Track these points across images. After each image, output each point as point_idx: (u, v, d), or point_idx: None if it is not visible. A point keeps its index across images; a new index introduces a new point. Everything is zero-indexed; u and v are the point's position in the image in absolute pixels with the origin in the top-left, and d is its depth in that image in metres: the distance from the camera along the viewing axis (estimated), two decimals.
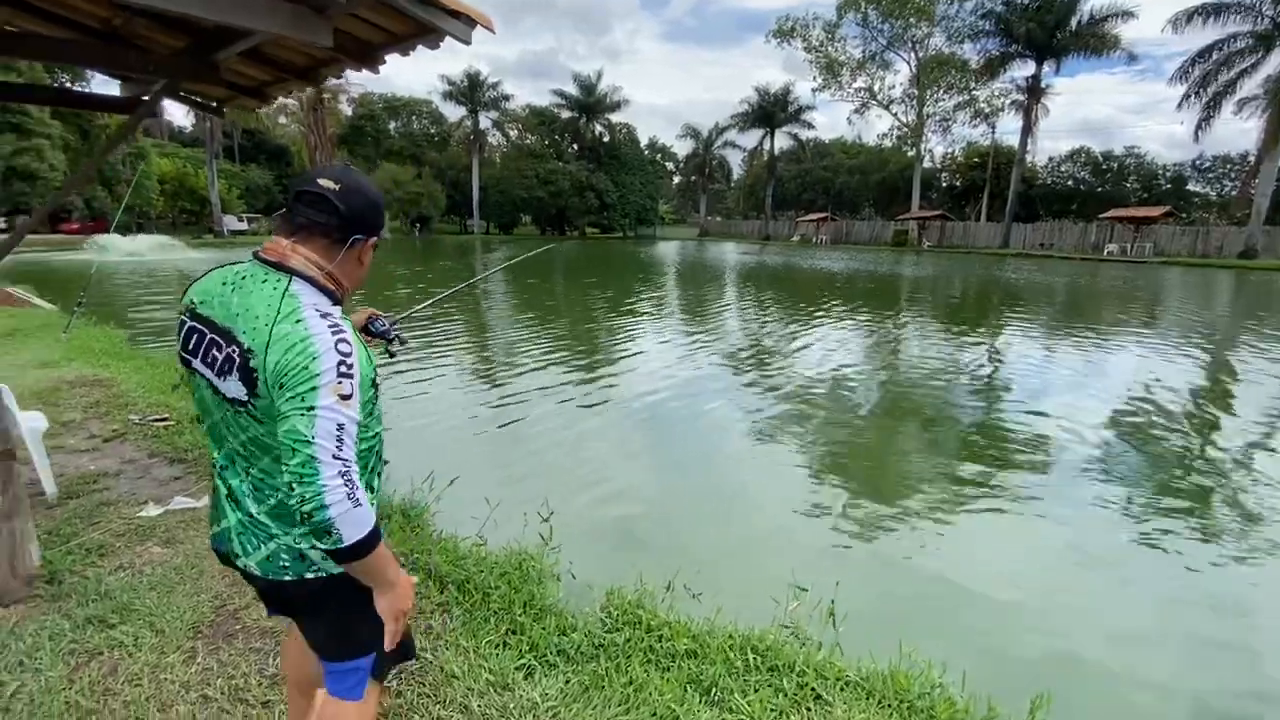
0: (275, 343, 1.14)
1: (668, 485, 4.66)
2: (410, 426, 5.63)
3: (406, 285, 17.64)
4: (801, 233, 58.18)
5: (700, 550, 3.59)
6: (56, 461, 3.96)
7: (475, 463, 4.89)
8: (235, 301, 1.22)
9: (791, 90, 56.02)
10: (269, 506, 1.27)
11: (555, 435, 5.61)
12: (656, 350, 9.31)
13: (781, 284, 21.30)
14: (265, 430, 1.20)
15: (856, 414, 6.53)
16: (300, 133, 62.32)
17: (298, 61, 3.02)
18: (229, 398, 1.22)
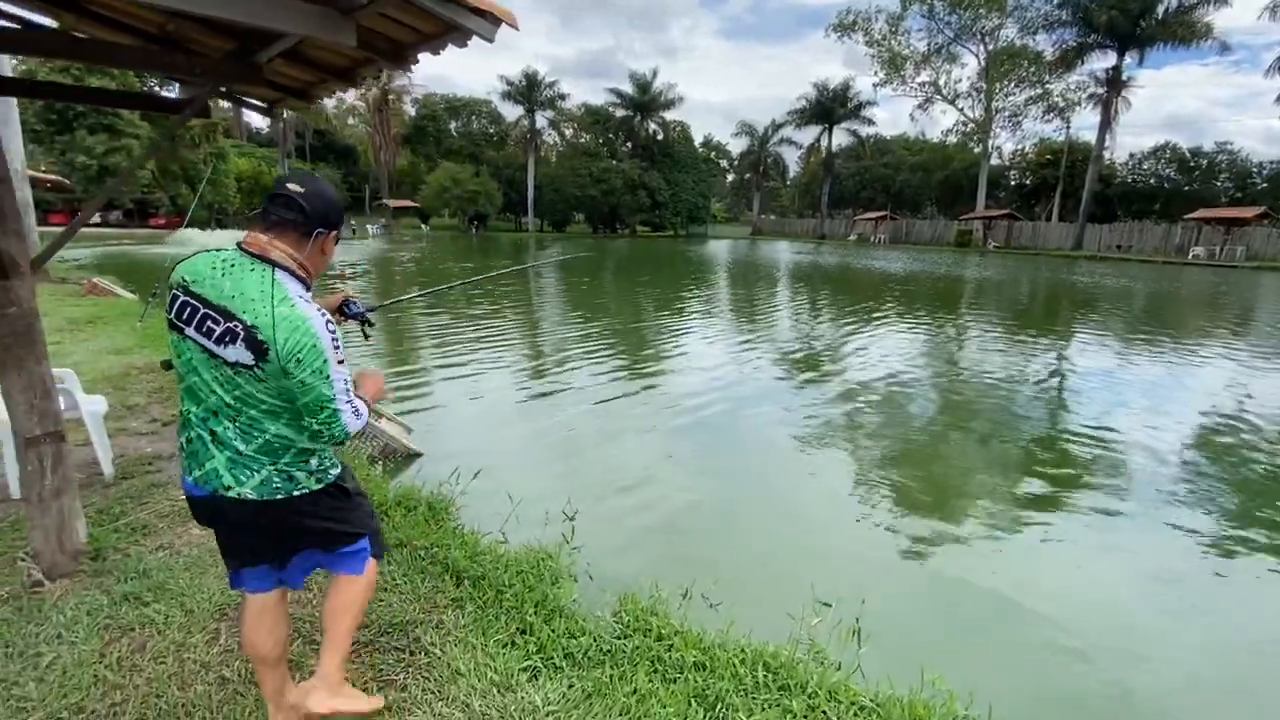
0: (280, 324, 1.46)
1: (703, 488, 4.55)
2: (448, 418, 5.75)
3: (462, 279, 18.08)
4: (858, 232, 56.64)
5: (727, 557, 3.51)
6: (118, 444, 4.22)
7: (508, 457, 4.92)
8: (227, 285, 1.50)
9: (851, 85, 54.62)
10: (257, 445, 1.57)
11: (593, 433, 5.60)
12: (703, 350, 9.21)
13: (836, 284, 20.77)
14: (263, 388, 1.52)
15: (910, 422, 6.26)
16: (367, 132, 64.95)
17: (337, 63, 3.09)
18: (230, 361, 1.49)
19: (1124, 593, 3.40)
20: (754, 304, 15.28)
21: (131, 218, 40.58)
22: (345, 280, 3.43)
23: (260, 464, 1.58)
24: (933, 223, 53.25)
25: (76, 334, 7.90)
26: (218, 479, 1.57)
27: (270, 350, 1.46)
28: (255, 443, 1.56)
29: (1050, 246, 41.40)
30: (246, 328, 1.47)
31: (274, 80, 3.37)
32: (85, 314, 9.24)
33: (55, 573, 2.58)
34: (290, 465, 1.61)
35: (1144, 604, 3.32)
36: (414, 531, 3.08)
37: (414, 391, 6.66)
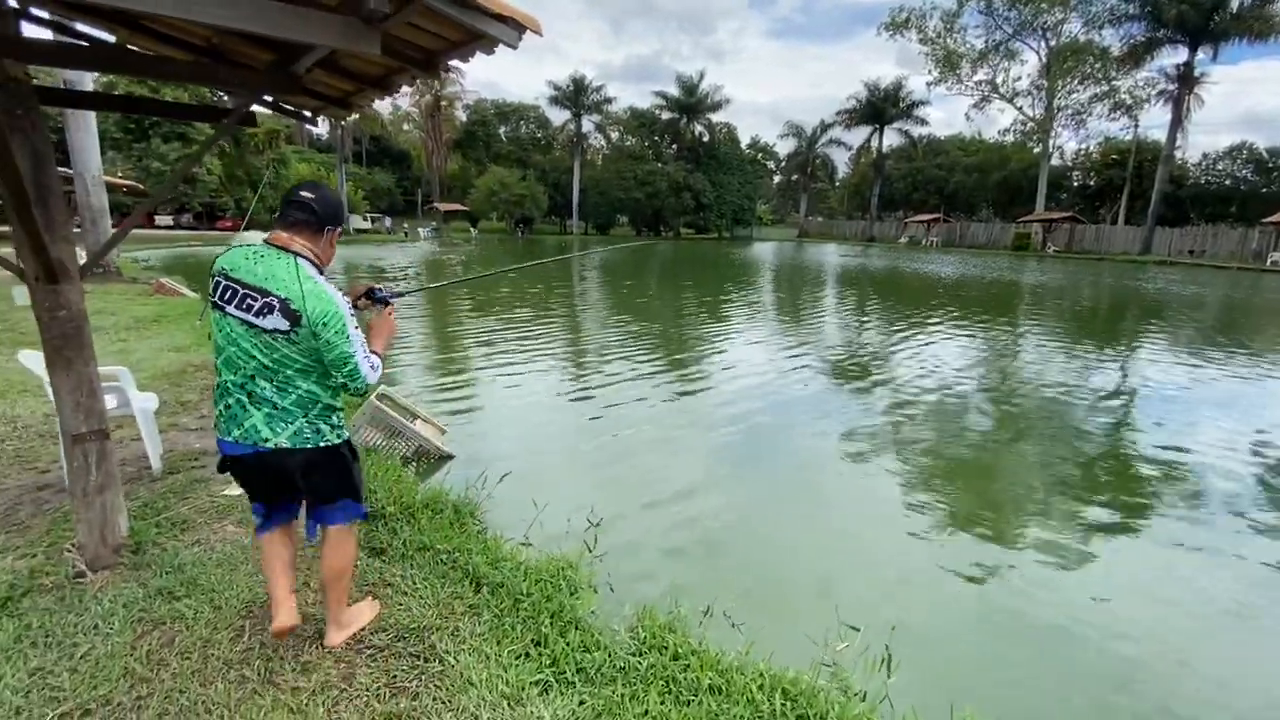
0: (308, 296, 1.88)
1: (736, 499, 4.43)
2: (484, 420, 5.80)
3: (507, 285, 18.37)
4: (910, 234, 55.11)
5: (754, 573, 3.41)
6: (168, 439, 4.40)
7: (540, 461, 4.92)
8: (260, 270, 1.90)
9: (904, 85, 53.24)
10: (291, 400, 1.98)
11: (628, 438, 5.52)
12: (746, 356, 9.06)
13: (885, 289, 20.22)
14: (296, 349, 1.93)
15: (960, 435, 5.99)
16: (420, 138, 66.87)
17: (371, 72, 3.14)
18: (268, 329, 1.89)
19: (1193, 629, 3.14)
20: (800, 308, 15.00)
21: (201, 220, 42.80)
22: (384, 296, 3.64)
23: (294, 416, 1.98)
24: (988, 225, 51.32)
25: (141, 332, 8.34)
26: (257, 434, 1.97)
27: (302, 317, 1.88)
28: (290, 398, 1.97)
29: (1115, 251, 39.33)
30: (281, 300, 1.87)
31: (314, 90, 3.46)
32: (151, 313, 9.75)
33: (97, 564, 2.69)
34: (317, 419, 2.03)
35: (1217, 642, 3.06)
36: (437, 535, 3.10)
37: (452, 393, 6.77)
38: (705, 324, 12.08)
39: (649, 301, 15.50)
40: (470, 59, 2.71)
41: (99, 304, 10.48)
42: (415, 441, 4.41)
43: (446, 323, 11.56)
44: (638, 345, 9.66)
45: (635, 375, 7.73)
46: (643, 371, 7.93)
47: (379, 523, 3.26)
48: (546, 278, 20.69)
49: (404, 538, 3.07)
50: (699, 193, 59.79)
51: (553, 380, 7.53)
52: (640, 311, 13.59)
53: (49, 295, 2.49)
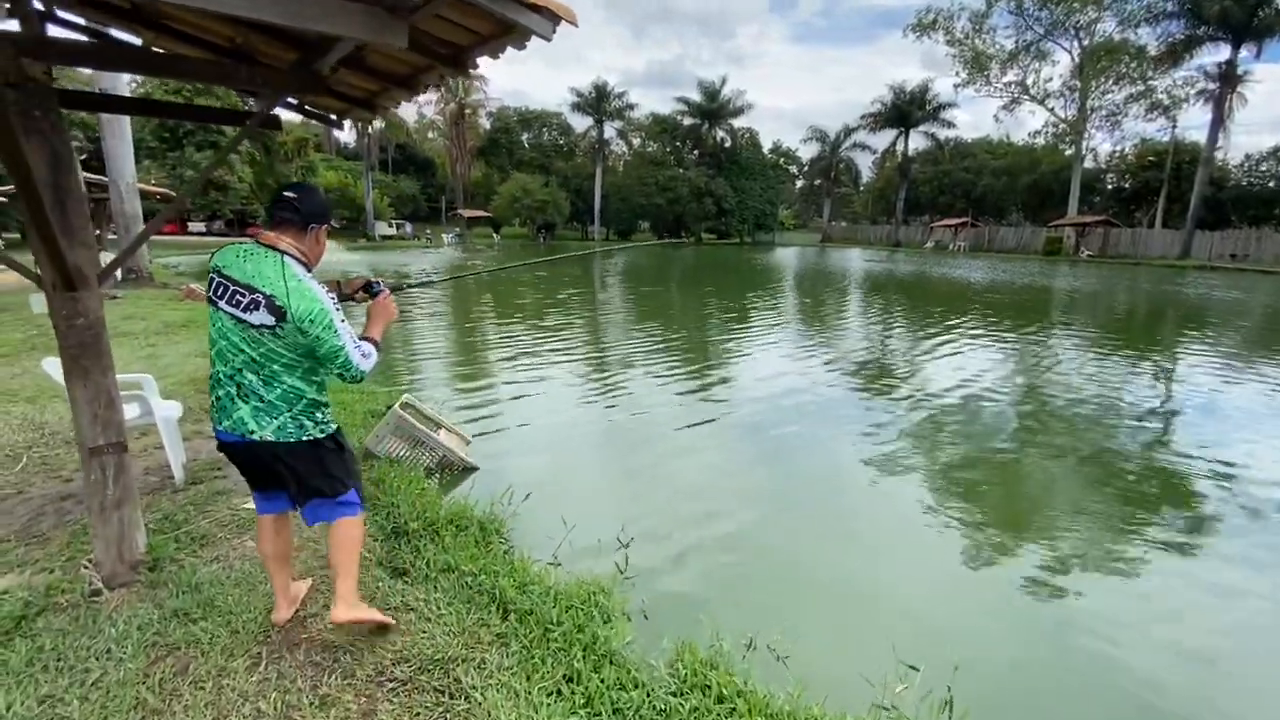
0: (293, 294, 1.93)
1: (768, 518, 4.20)
2: (508, 430, 5.67)
3: (532, 289, 18.34)
4: (936, 239, 54.17)
5: (795, 600, 3.19)
6: (192, 447, 4.34)
7: (566, 474, 4.77)
8: (249, 268, 1.96)
9: (930, 87, 52.44)
10: (276, 394, 2.03)
11: (656, 451, 5.31)
12: (774, 365, 8.82)
13: (913, 294, 19.79)
14: (281, 344, 1.98)
15: (998, 447, 5.71)
16: (444, 145, 67.66)
17: (398, 70, 3.03)
18: (255, 324, 1.95)
19: (1269, 645, 2.86)
20: (829, 315, 14.69)
21: (233, 226, 43.76)
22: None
23: (279, 410, 2.04)
24: (1018, 229, 50.21)
25: (170, 337, 8.39)
26: (244, 425, 2.04)
27: (287, 313, 1.93)
28: (275, 391, 2.02)
29: (1153, 255, 38.15)
30: (267, 297, 1.93)
31: (338, 90, 3.36)
32: (180, 318, 9.84)
33: (114, 582, 2.59)
34: (301, 414, 2.08)
35: None
36: (462, 555, 2.95)
37: (474, 400, 6.66)
38: (732, 330, 11.86)
39: (673, 307, 15.32)
40: (500, 55, 2.57)
41: (130, 309, 10.63)
42: (439, 453, 4.28)
43: (468, 329, 11.52)
44: (665, 352, 9.49)
45: (662, 382, 7.55)
46: (670, 379, 7.76)
47: (402, 540, 3.13)
48: (570, 283, 20.63)
49: (428, 557, 2.93)
50: (721, 198, 59.52)
51: (578, 388, 7.39)
52: (665, 317, 13.42)
53: (67, 303, 2.40)
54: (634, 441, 5.55)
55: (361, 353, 2.07)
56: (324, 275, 2.18)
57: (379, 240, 46.52)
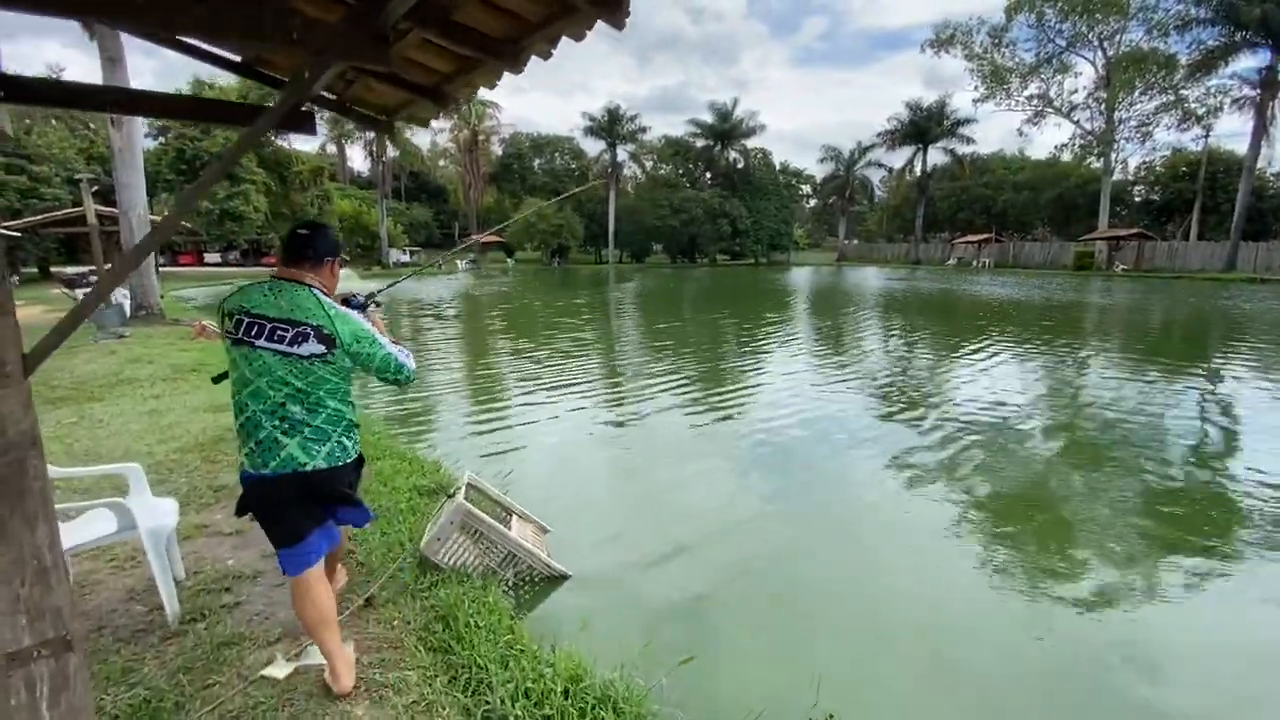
0: (338, 321, 2.06)
1: (789, 554, 3.77)
2: (578, 503, 4.62)
3: (554, 314, 17.42)
4: (958, 255, 53.08)
5: (830, 656, 2.59)
6: (194, 549, 3.32)
7: (569, 508, 4.09)
8: (284, 303, 2.03)
9: (948, 103, 51.78)
10: (322, 418, 2.10)
11: (656, 478, 4.97)
12: (789, 388, 7.96)
13: (937, 313, 18.69)
14: (330, 370, 2.09)
15: (1033, 472, 5.31)
16: (457, 172, 67.79)
17: (496, 31, 2.05)
18: (305, 355, 2.03)
19: None
20: (859, 336, 13.57)
21: (247, 256, 43.53)
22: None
23: (326, 435, 2.10)
24: (1044, 245, 49.05)
25: (178, 384, 7.46)
26: (294, 461, 2.05)
27: (336, 339, 2.05)
28: (320, 416, 2.08)
29: (1192, 268, 36.74)
30: (315, 328, 2.02)
31: (399, 70, 2.39)
32: (191, 360, 8.94)
33: None
34: (343, 435, 2.16)
35: None
36: (448, 633, 1.99)
37: (500, 442, 5.62)
38: (746, 351, 10.78)
39: (685, 330, 14.28)
40: (553, 50, 1.61)
41: (138, 350, 9.75)
42: (520, 558, 3.23)
43: (490, 366, 10.52)
44: (679, 375, 8.42)
45: (671, 406, 6.48)
46: (679, 404, 6.68)
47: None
48: (577, 310, 19.68)
49: None
50: (735, 218, 58.90)
51: (579, 413, 6.38)
52: (676, 337, 12.37)
53: None
54: (641, 467, 4.47)
55: (405, 353, 2.22)
56: None
57: (393, 267, 46.05)
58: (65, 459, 4.70)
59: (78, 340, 11.30)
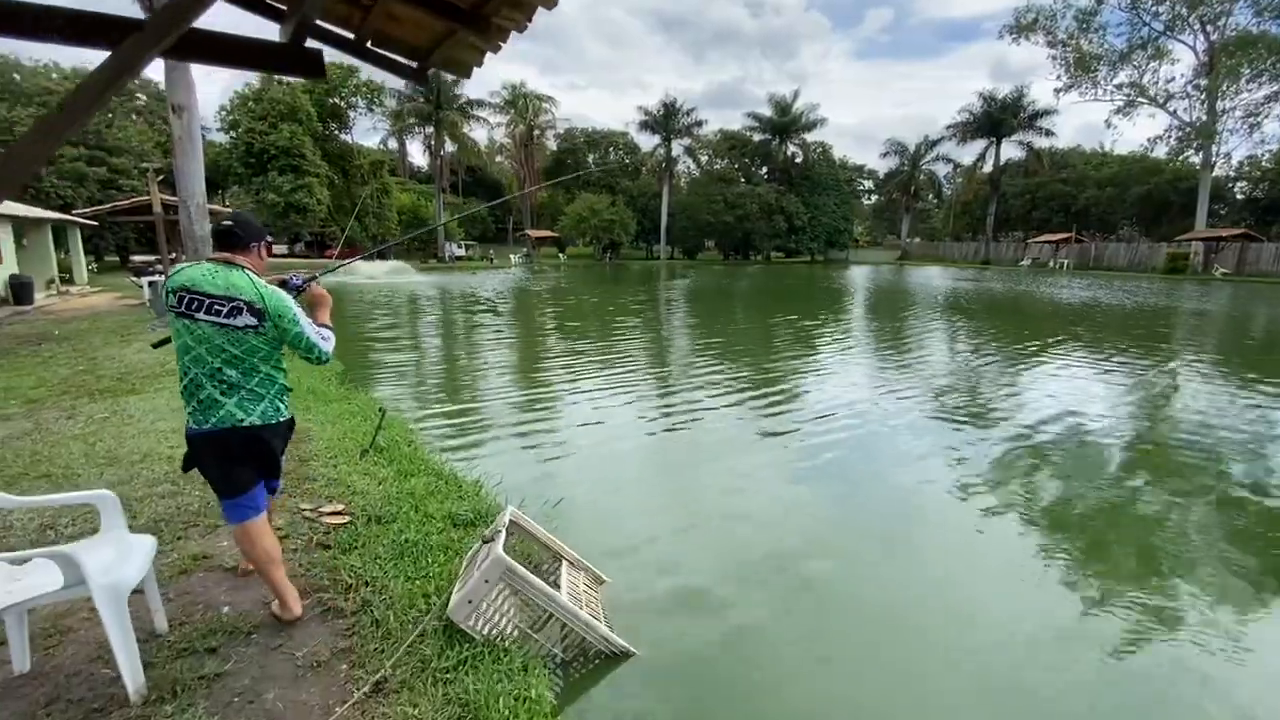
0: (267, 297, 2.33)
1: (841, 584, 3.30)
2: (630, 552, 3.92)
3: (608, 313, 16.82)
4: (1033, 256, 49.97)
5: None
6: (186, 591, 2.78)
7: (628, 544, 3.34)
8: (220, 282, 2.30)
9: (1026, 93, 48.67)
10: (256, 381, 2.38)
11: (722, 505, 4.38)
12: (860, 399, 6.97)
13: (1012, 315, 17.15)
14: (262, 340, 2.35)
15: (1114, 492, 4.76)
16: (512, 168, 68.33)
17: None
18: (239, 326, 2.30)
19: None
20: (930, 343, 12.37)
21: (312, 249, 44.78)
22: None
23: (260, 396, 2.39)
24: (1131, 245, 45.54)
25: None
26: (233, 416, 2.33)
27: (266, 313, 2.32)
28: (254, 379, 2.37)
29: None
30: (247, 303, 2.29)
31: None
32: None
33: None
34: (276, 398, 2.45)
35: None
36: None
37: (547, 458, 4.96)
38: (805, 355, 9.81)
39: (737, 329, 13.36)
40: None
41: None
42: (571, 627, 2.54)
43: (540, 379, 9.94)
44: (732, 380, 7.58)
45: (721, 410, 5.65)
46: (731, 409, 5.84)
47: None
48: (628, 311, 18.99)
49: None
50: (792, 215, 57.16)
51: (625, 418, 5.60)
52: (730, 338, 11.49)
53: None
54: (685, 480, 3.68)
55: (321, 335, 2.48)
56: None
57: (450, 261, 46.60)
58: (83, 461, 4.33)
59: (135, 328, 11.36)
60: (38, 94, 28.53)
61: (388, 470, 4.27)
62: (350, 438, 4.97)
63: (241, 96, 36.67)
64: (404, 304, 19.03)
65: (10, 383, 7.04)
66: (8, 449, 4.63)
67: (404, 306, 18.46)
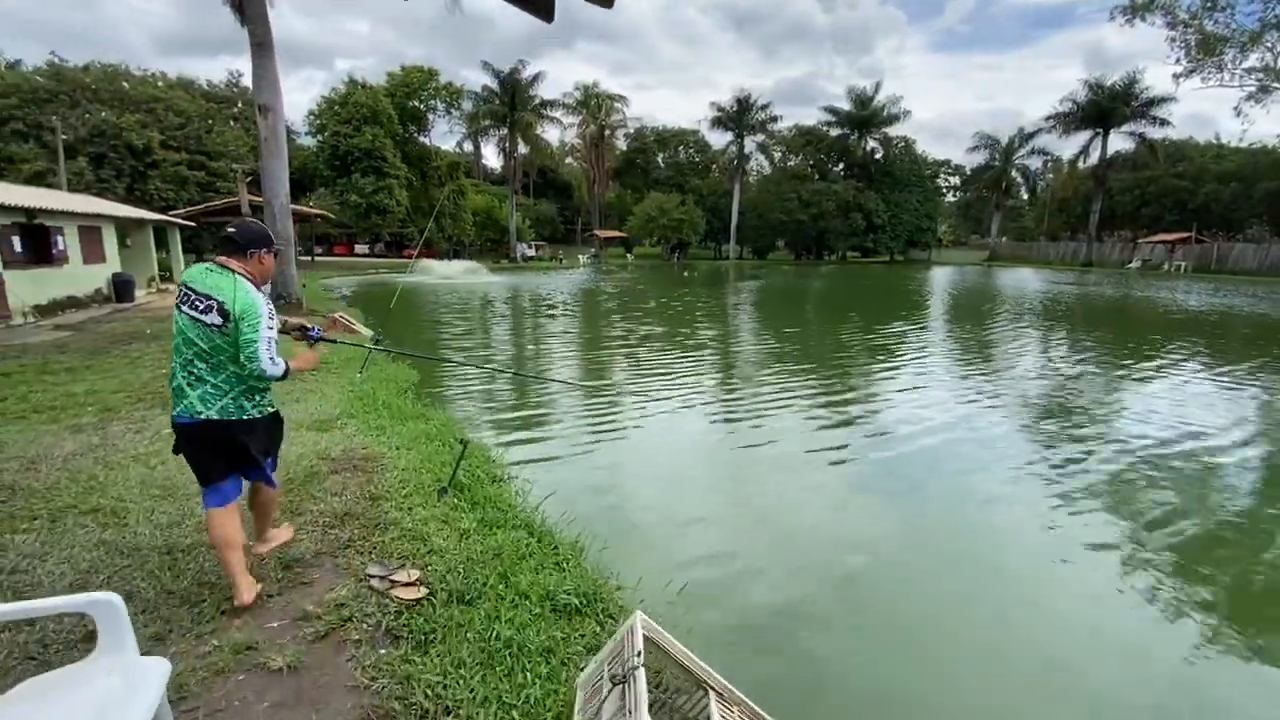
0: (238, 299, 2.48)
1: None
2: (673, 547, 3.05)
3: (685, 321, 15.98)
4: (1143, 257, 45.59)
5: None
6: (219, 704, 2.10)
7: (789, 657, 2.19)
8: (209, 282, 2.51)
9: (1139, 79, 44.36)
10: (221, 378, 2.55)
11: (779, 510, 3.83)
12: (931, 416, 5.68)
13: (1128, 325, 15.05)
14: (226, 340, 2.51)
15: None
16: (582, 169, 68.53)
17: None
18: (208, 323, 2.49)
19: None
20: (1050, 357, 10.79)
21: (390, 248, 46.13)
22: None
23: (222, 393, 2.56)
24: (1260, 246, 40.71)
25: (290, 390, 6.76)
26: (194, 407, 2.52)
27: (231, 314, 2.48)
28: (219, 376, 2.54)
29: None
30: (219, 303, 2.48)
31: None
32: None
33: None
34: (239, 397, 2.60)
35: None
36: None
37: (652, 512, 4.14)
38: (886, 366, 8.55)
39: (808, 335, 12.14)
40: None
41: None
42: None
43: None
44: (808, 394, 6.49)
45: (792, 430, 4.61)
46: (802, 425, 4.78)
47: None
48: (727, 314, 18.01)
49: None
50: (871, 213, 54.55)
51: (689, 432, 4.66)
52: (798, 345, 10.32)
53: None
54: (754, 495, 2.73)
55: (270, 356, 2.51)
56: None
57: (520, 261, 46.96)
58: (137, 491, 3.84)
59: None
60: (144, 101, 30.39)
61: (469, 518, 3.57)
62: (427, 468, 4.33)
63: (328, 101, 38.03)
64: (480, 307, 18.80)
65: (95, 385, 6.89)
66: (68, 469, 4.25)
67: (480, 309, 18.22)
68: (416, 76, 41.93)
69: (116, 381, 7.04)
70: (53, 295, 12.97)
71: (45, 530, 3.34)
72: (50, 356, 8.51)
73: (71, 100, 29.93)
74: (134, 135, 29.20)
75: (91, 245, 14.81)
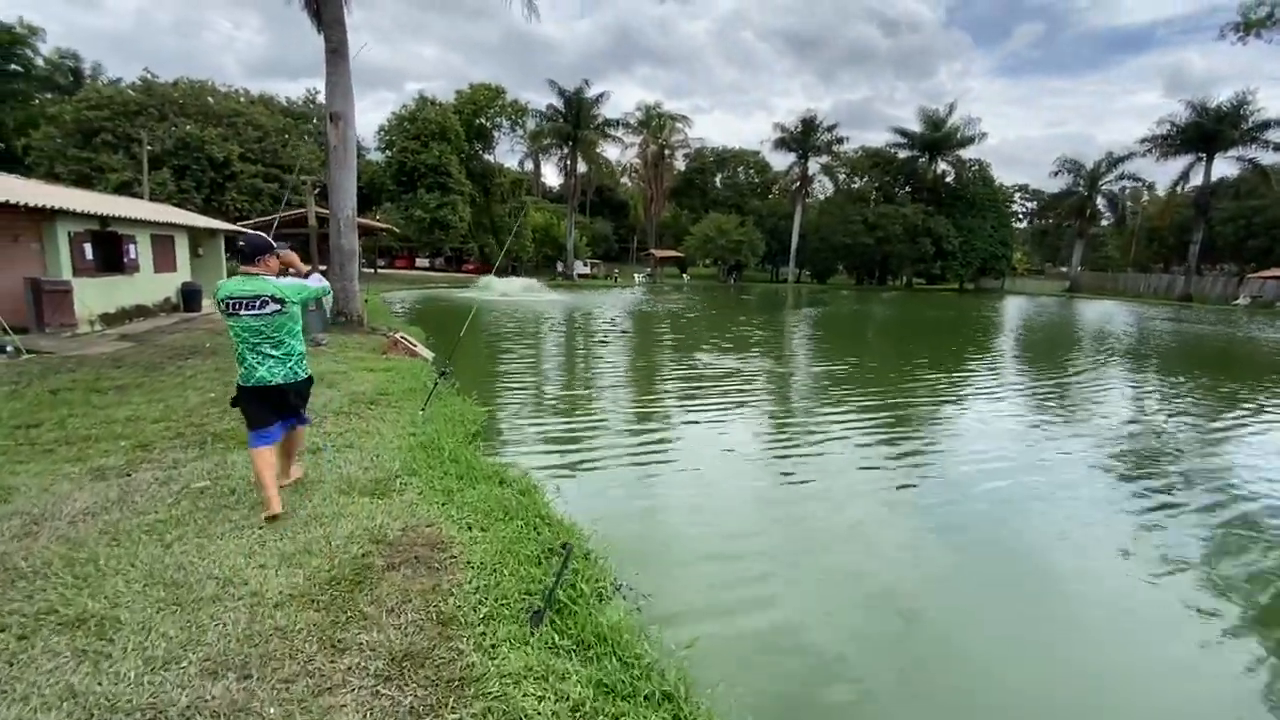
0: (283, 288, 3.66)
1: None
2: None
3: (745, 351, 14.69)
4: (1252, 293, 41.60)
5: None
6: None
7: None
8: (249, 287, 3.58)
9: (1250, 100, 40.84)
10: (283, 351, 3.74)
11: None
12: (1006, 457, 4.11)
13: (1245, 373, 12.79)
14: (286, 319, 3.71)
15: None
16: (639, 188, 68.29)
17: None
18: (269, 312, 3.62)
19: None
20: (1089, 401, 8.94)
21: (450, 263, 46.55)
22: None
23: (284, 363, 3.72)
24: None
25: (350, 422, 5.88)
26: (264, 379, 3.65)
27: (285, 299, 3.64)
28: (282, 349, 3.70)
29: None
30: (270, 296, 3.59)
31: None
32: (375, 385, 7.53)
33: None
34: (296, 365, 3.79)
35: None
36: None
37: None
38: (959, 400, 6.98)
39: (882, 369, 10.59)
40: None
41: (326, 365, 8.68)
42: None
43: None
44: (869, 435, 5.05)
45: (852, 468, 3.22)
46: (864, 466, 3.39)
47: None
48: (786, 344, 16.62)
49: None
50: (940, 238, 51.95)
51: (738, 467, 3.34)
52: (867, 378, 8.81)
53: None
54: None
55: (316, 280, 4.01)
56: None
57: (576, 279, 46.58)
58: (140, 590, 2.90)
59: None
60: (227, 115, 31.41)
61: (579, 675, 2.45)
62: (511, 566, 3.25)
63: (399, 117, 38.73)
64: (541, 329, 17.99)
65: (138, 411, 6.17)
66: (69, 539, 3.37)
67: (541, 332, 17.39)
68: (484, 94, 42.42)
69: (161, 407, 6.32)
70: (121, 303, 12.78)
71: (5, 654, 2.40)
72: (104, 371, 7.97)
73: (160, 114, 31.20)
74: (215, 148, 30.18)
75: (163, 254, 14.72)
